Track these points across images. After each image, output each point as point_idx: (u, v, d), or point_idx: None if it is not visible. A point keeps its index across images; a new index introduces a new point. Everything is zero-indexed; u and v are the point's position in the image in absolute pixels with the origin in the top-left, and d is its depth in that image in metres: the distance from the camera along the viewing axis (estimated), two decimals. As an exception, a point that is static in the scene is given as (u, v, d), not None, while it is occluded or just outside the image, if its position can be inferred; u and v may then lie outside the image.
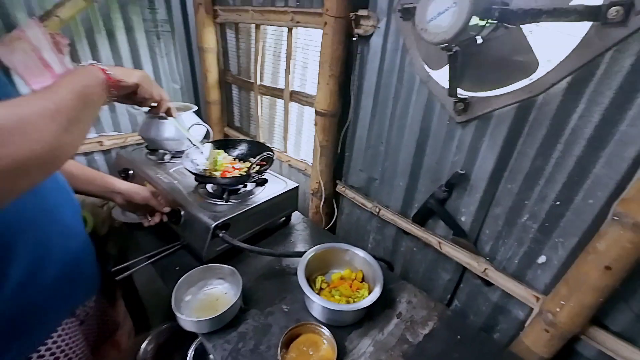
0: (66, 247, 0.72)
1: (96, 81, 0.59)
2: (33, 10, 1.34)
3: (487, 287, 1.12)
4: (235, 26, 1.76)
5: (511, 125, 0.89)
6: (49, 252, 0.67)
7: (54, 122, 0.46)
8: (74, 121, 0.49)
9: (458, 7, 0.63)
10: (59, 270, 0.69)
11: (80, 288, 0.79)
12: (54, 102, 0.47)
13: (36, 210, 0.64)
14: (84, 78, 0.57)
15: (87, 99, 0.55)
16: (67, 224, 0.73)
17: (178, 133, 1.35)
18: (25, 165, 0.41)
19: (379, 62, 1.18)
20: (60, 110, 0.47)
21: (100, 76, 0.60)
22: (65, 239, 0.72)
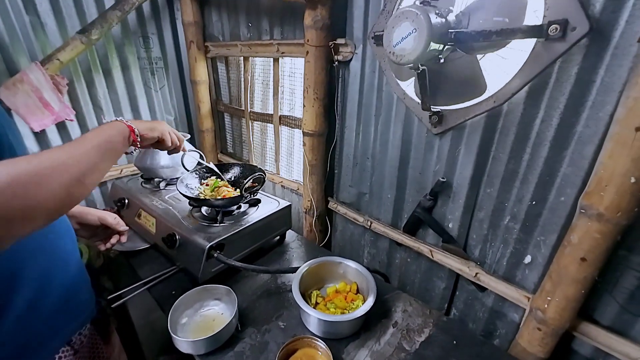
0: (65, 274, 0.72)
1: (120, 135, 0.65)
2: (35, 55, 1.44)
3: (482, 293, 1.13)
4: (225, 59, 1.88)
5: (483, 133, 0.96)
6: (50, 280, 0.67)
7: (67, 175, 0.49)
8: (89, 172, 0.53)
9: (418, 32, 0.72)
10: (59, 297, 0.69)
11: (77, 315, 0.78)
12: (72, 156, 0.51)
13: (41, 238, 0.65)
14: (109, 132, 0.62)
15: (108, 151, 0.60)
16: (67, 250, 0.74)
17: (173, 160, 1.40)
18: (32, 214, 0.44)
19: (359, 84, 1.27)
20: (76, 163, 0.51)
21: (124, 131, 0.66)
22: (65, 266, 0.72)
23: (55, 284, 0.68)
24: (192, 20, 1.77)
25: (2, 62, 1.36)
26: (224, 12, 1.72)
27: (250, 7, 1.55)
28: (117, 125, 0.65)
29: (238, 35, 1.70)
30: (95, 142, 0.57)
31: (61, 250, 0.71)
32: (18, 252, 0.59)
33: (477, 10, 0.76)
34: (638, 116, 0.60)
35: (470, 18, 0.78)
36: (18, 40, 1.39)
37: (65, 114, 1.47)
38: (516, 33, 0.71)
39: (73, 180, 0.50)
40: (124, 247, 1.32)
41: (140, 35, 1.80)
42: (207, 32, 1.87)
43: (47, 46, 1.46)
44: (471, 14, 0.77)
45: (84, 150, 0.54)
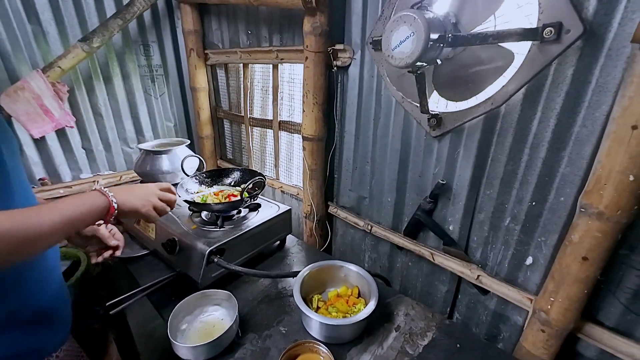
0: (42, 292, 0.70)
1: (94, 213, 0.62)
2: (36, 63, 1.45)
3: (484, 296, 1.12)
4: (225, 66, 1.90)
5: (481, 135, 0.97)
6: (29, 295, 0.65)
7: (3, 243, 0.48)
8: (43, 242, 0.53)
9: (416, 35, 0.73)
10: (36, 313, 0.67)
11: (55, 333, 0.75)
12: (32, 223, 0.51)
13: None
14: (82, 210, 0.59)
15: (74, 227, 0.58)
16: (47, 267, 0.71)
17: (173, 166, 1.40)
18: None
19: (358, 89, 1.29)
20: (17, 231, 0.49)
21: (102, 207, 0.63)
22: (42, 284, 0.70)
23: (34, 299, 0.67)
24: (192, 28, 1.80)
25: (3, 71, 1.38)
26: (224, 20, 1.75)
27: (250, 15, 1.58)
28: (96, 200, 0.62)
29: (237, 43, 1.72)
30: (66, 215, 0.55)
31: (43, 267, 0.69)
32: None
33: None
34: (634, 114, 0.61)
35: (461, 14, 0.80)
36: (20, 48, 1.40)
37: (66, 121, 1.48)
38: (512, 36, 0.73)
39: (9, 251, 0.49)
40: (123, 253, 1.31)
41: (141, 44, 1.82)
42: (207, 40, 1.89)
43: (49, 54, 1.48)
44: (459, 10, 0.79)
45: (50, 220, 0.53)
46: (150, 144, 1.55)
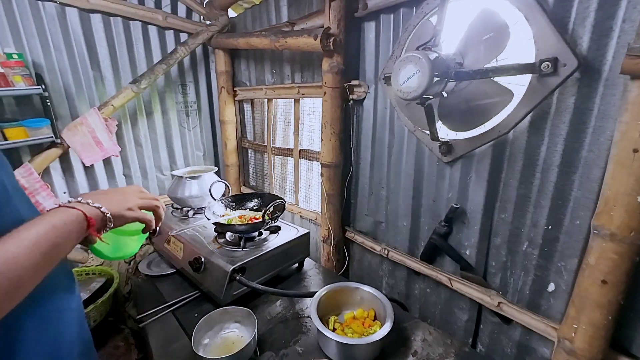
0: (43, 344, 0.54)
1: (74, 227, 0.49)
2: (94, 102, 1.69)
3: (507, 325, 1.09)
4: (251, 101, 2.10)
5: (492, 161, 1.01)
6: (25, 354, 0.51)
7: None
8: (19, 284, 0.41)
9: (421, 72, 0.82)
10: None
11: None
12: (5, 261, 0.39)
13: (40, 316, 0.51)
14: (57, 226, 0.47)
15: (51, 252, 0.45)
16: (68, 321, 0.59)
17: (201, 190, 1.53)
18: None
19: (372, 119, 1.38)
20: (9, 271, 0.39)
21: (78, 218, 0.50)
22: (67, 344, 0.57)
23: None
24: (224, 69, 2.03)
25: (67, 109, 1.62)
26: (252, 61, 1.96)
27: (274, 57, 1.78)
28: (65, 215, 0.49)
29: (263, 81, 1.92)
30: (31, 247, 0.43)
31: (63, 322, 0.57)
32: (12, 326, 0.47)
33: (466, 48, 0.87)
34: (632, 139, 0.64)
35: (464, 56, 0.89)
36: (82, 90, 1.65)
37: (113, 151, 1.68)
38: (510, 70, 0.80)
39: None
40: (152, 271, 1.41)
41: (180, 84, 2.07)
42: (236, 79, 2.12)
43: (105, 94, 1.72)
44: (463, 52, 0.88)
45: (14, 259, 0.40)
46: (182, 171, 1.70)
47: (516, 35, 0.84)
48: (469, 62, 0.88)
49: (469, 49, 0.88)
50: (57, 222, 0.47)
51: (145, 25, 1.82)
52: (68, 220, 0.49)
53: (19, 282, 0.41)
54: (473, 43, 0.87)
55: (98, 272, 1.65)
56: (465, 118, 0.95)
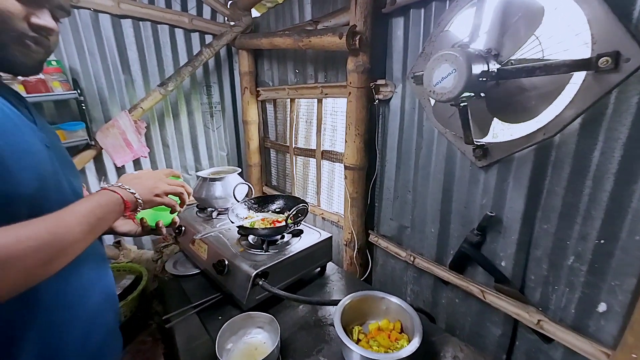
0: (88, 338, 0.62)
1: (114, 207, 0.58)
2: (124, 105, 1.76)
3: (547, 344, 1.00)
4: (274, 102, 2.09)
5: (534, 166, 0.93)
6: (65, 345, 0.58)
7: (41, 254, 0.44)
8: (65, 252, 0.48)
9: (458, 72, 0.76)
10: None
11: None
12: (50, 231, 0.46)
13: (54, 293, 0.56)
14: (102, 204, 0.56)
15: (96, 226, 0.54)
16: (93, 312, 0.64)
17: (225, 192, 1.54)
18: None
19: (399, 120, 1.32)
20: (54, 240, 0.46)
21: (117, 201, 0.59)
22: (89, 328, 0.63)
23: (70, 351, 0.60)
24: (247, 70, 2.03)
25: (100, 112, 1.69)
26: (275, 62, 1.95)
27: (297, 56, 1.75)
28: (108, 195, 0.58)
29: (286, 81, 1.90)
30: (81, 215, 0.52)
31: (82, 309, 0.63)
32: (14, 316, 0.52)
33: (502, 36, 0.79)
34: None
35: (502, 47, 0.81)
36: (114, 94, 1.72)
37: (142, 152, 1.73)
38: (561, 67, 0.72)
39: (43, 262, 0.45)
40: (178, 271, 1.44)
41: (205, 85, 2.10)
42: (259, 79, 2.12)
43: (135, 98, 1.78)
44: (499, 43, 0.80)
45: (67, 226, 0.49)
46: (206, 172, 1.72)
47: (565, 28, 0.75)
48: (506, 50, 0.80)
49: (502, 37, 0.80)
50: (102, 201, 0.57)
51: (172, 29, 1.86)
52: (110, 201, 0.58)
53: (71, 245, 0.49)
54: (504, 29, 0.79)
55: (128, 269, 1.72)
56: (505, 116, 0.87)
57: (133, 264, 1.75)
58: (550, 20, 0.76)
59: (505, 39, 0.82)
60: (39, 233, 0.45)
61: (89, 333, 0.63)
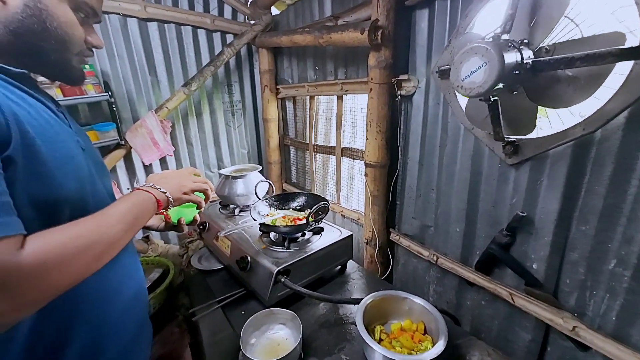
0: (124, 329, 0.67)
1: (148, 205, 0.62)
2: (151, 105, 1.83)
3: (583, 352, 0.94)
4: (293, 99, 2.10)
5: (571, 164, 0.87)
6: (104, 337, 0.62)
7: (92, 251, 0.48)
8: (110, 248, 0.52)
9: (489, 65, 0.72)
10: (116, 354, 0.65)
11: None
12: (96, 230, 0.50)
13: (95, 289, 0.60)
14: (137, 203, 0.60)
15: (134, 224, 0.58)
16: (127, 303, 0.68)
17: (247, 189, 1.57)
18: (45, 297, 0.44)
19: (422, 116, 1.28)
20: (100, 238, 0.50)
21: (151, 200, 0.63)
22: (123, 320, 0.67)
23: (111, 341, 0.64)
24: (267, 68, 2.05)
25: (129, 112, 1.77)
26: (294, 59, 1.95)
27: (317, 53, 1.74)
28: (142, 195, 0.62)
29: (305, 78, 1.90)
30: (122, 216, 0.55)
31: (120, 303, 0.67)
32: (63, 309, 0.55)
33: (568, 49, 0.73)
34: None
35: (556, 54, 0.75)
36: (142, 95, 1.79)
37: (168, 151, 1.80)
38: (605, 57, 0.66)
39: (93, 258, 0.49)
40: (202, 265, 1.49)
41: (226, 84, 2.14)
42: (279, 77, 2.13)
43: (160, 98, 1.85)
44: (557, 50, 0.74)
45: (109, 224, 0.53)
46: (228, 170, 1.76)
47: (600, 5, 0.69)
48: (537, 36, 0.75)
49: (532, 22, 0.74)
50: (137, 201, 0.61)
51: (195, 30, 1.90)
52: (145, 200, 0.62)
53: (114, 242, 0.53)
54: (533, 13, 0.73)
55: (156, 263, 1.80)
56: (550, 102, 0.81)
57: (161, 258, 1.82)
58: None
59: (535, 24, 0.76)
60: (87, 232, 0.48)
61: (124, 324, 0.67)
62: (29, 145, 0.46)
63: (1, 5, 0.49)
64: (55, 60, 0.56)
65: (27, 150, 0.46)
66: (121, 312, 0.66)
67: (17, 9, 0.49)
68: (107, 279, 0.63)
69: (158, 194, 0.64)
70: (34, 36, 0.52)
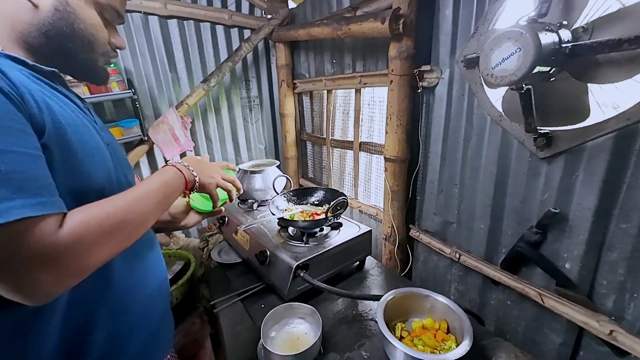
0: (147, 319, 0.69)
1: (178, 184, 0.64)
2: (172, 102, 1.86)
3: (621, 358, 0.89)
4: (310, 93, 2.08)
5: (612, 157, 0.81)
6: (130, 325, 0.64)
7: (129, 225, 0.51)
8: (141, 225, 0.54)
9: (523, 51, 0.68)
10: (140, 344, 0.66)
11: (156, 355, 0.74)
12: (129, 206, 0.52)
13: (123, 279, 0.62)
14: (168, 181, 0.61)
15: (164, 202, 0.60)
16: (151, 294, 0.70)
17: (265, 184, 1.58)
18: (86, 269, 0.46)
19: (445, 108, 1.23)
20: (133, 212, 0.52)
21: (180, 179, 0.64)
22: (148, 310, 0.69)
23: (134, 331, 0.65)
24: (284, 63, 2.04)
25: (151, 109, 1.81)
26: (311, 53, 1.93)
27: (335, 46, 1.71)
28: (175, 178, 0.64)
29: (322, 72, 1.87)
30: (155, 193, 0.58)
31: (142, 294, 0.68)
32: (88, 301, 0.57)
33: (608, 24, 0.67)
34: None
35: (595, 33, 0.69)
36: (163, 91, 1.83)
37: (188, 146, 1.83)
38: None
39: (127, 234, 0.51)
40: (222, 259, 1.51)
41: (244, 79, 2.15)
42: (296, 72, 2.11)
43: (180, 94, 1.88)
44: (597, 28, 0.68)
45: (142, 201, 0.55)
46: (247, 165, 1.78)
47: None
48: (575, 15, 0.69)
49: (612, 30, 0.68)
50: (168, 178, 0.62)
51: (213, 26, 1.92)
52: (175, 178, 0.64)
53: (146, 218, 0.55)
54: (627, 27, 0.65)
55: (178, 255, 1.85)
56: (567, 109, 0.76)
57: (182, 251, 1.88)
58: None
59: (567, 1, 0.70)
60: (120, 209, 0.50)
61: (148, 313, 0.69)
62: (61, 135, 0.48)
63: (34, 10, 0.52)
64: (83, 60, 0.59)
65: (60, 140, 0.48)
66: (146, 302, 0.68)
67: (48, 12, 0.52)
68: (134, 269, 0.65)
69: (188, 175, 0.66)
70: (64, 38, 0.55)
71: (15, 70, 0.47)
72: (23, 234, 0.39)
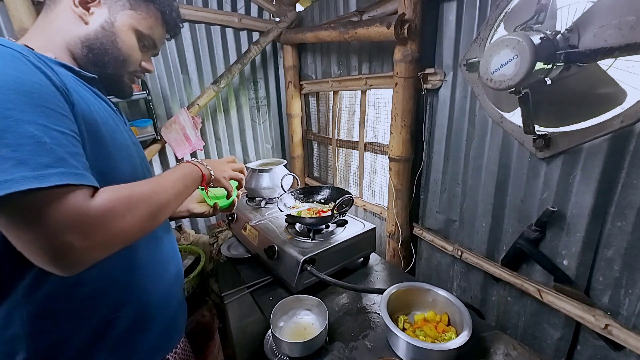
0: (168, 304, 0.74)
1: (195, 177, 0.70)
2: (183, 102, 1.93)
3: (616, 352, 0.92)
4: (317, 94, 2.13)
5: (607, 158, 0.84)
6: (153, 308, 0.69)
7: (148, 209, 0.54)
8: (163, 209, 0.58)
9: (520, 57, 0.72)
10: (161, 324, 0.72)
11: (172, 339, 0.80)
12: (155, 191, 0.56)
13: (148, 263, 0.67)
14: (187, 174, 0.67)
15: (184, 191, 0.65)
16: (170, 280, 0.75)
17: (272, 182, 1.63)
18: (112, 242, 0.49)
19: (448, 110, 1.27)
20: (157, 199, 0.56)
21: (198, 173, 0.70)
22: (167, 296, 0.74)
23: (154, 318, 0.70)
24: (291, 64, 2.09)
25: (164, 109, 1.88)
26: (318, 55, 1.98)
27: (341, 48, 1.75)
28: (193, 171, 0.69)
29: (329, 73, 1.92)
30: (174, 184, 0.63)
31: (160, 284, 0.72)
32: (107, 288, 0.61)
33: (589, 20, 0.71)
34: None
35: (581, 32, 0.73)
36: (175, 92, 1.90)
37: (198, 145, 1.90)
38: (648, 46, 0.64)
39: (151, 214, 0.55)
40: (231, 254, 1.57)
41: (252, 81, 2.21)
42: (303, 73, 2.17)
43: (191, 95, 1.95)
44: (580, 27, 0.72)
45: (164, 188, 0.60)
46: (255, 164, 1.84)
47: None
48: (587, 43, 0.73)
49: (592, 26, 0.72)
50: (187, 171, 0.68)
51: (223, 29, 1.98)
52: (193, 172, 0.69)
53: (167, 205, 0.59)
54: (602, 19, 0.70)
55: (188, 250, 1.92)
56: (573, 109, 0.80)
57: (192, 246, 1.94)
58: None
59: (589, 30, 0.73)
60: (147, 191, 0.55)
61: (167, 300, 0.75)
62: (94, 126, 0.54)
63: (84, 26, 0.62)
64: (112, 73, 0.67)
65: (94, 133, 0.54)
66: (166, 288, 0.74)
67: (95, 29, 0.62)
68: (156, 255, 0.71)
69: (205, 170, 0.72)
70: (102, 50, 0.64)
71: (64, 72, 0.55)
72: (60, 199, 0.43)
